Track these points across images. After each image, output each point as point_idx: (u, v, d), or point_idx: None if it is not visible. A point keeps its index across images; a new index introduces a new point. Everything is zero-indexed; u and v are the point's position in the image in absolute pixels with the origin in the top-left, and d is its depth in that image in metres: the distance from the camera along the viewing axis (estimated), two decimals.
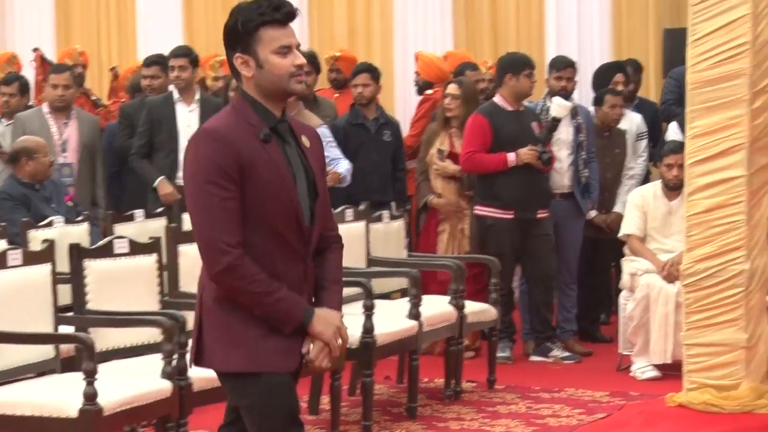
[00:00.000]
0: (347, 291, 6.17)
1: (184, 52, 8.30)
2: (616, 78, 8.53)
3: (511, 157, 7.43)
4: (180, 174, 8.13)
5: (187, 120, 8.12)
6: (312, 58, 8.41)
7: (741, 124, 5.62)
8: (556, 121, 7.61)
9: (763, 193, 5.72)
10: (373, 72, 8.37)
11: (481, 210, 7.59)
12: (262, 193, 3.37)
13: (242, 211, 3.35)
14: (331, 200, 3.69)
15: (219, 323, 3.42)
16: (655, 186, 7.46)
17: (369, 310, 5.89)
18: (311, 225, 3.46)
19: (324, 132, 7.26)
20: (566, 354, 7.64)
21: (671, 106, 8.41)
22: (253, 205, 3.36)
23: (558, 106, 7.63)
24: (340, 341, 3.44)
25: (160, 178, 7.96)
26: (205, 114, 8.03)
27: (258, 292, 3.35)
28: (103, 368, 4.68)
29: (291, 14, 3.42)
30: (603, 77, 8.65)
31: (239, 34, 3.40)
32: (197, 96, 8.20)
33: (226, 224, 3.33)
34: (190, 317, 5.24)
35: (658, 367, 7.05)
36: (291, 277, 3.42)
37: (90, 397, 4.43)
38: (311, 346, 3.41)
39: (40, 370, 4.94)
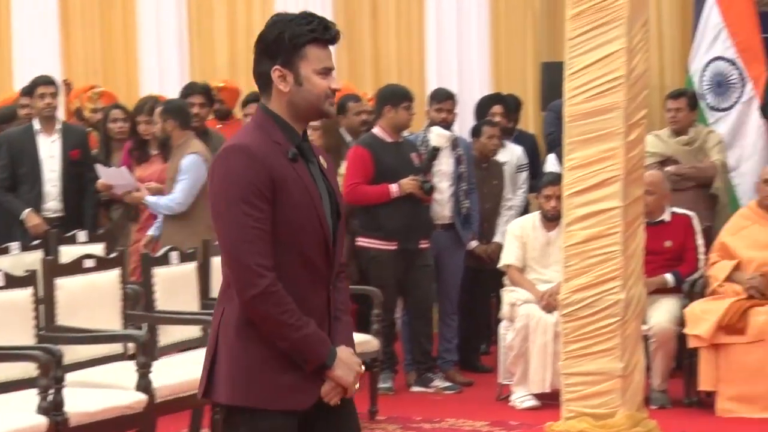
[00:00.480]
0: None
1: (52, 80, 8.22)
2: (494, 109, 8.65)
3: (393, 188, 7.47)
4: (48, 205, 8.05)
5: (49, 151, 8.05)
6: (206, 90, 8.45)
7: (616, 157, 5.72)
8: (436, 151, 7.69)
9: (638, 224, 5.82)
10: None
11: (363, 242, 7.61)
12: (292, 214, 3.22)
13: (272, 232, 3.20)
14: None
15: (237, 353, 3.24)
16: (534, 217, 7.56)
17: None
18: (334, 247, 3.33)
19: (194, 160, 7.42)
20: (447, 384, 7.68)
21: (557, 137, 8.56)
22: (283, 226, 3.21)
23: (437, 136, 7.71)
24: (357, 386, 3.32)
25: (26, 210, 7.88)
26: (67, 143, 7.99)
27: (288, 323, 3.18)
28: None
29: (338, 36, 3.34)
30: (482, 109, 8.77)
31: (284, 47, 3.25)
32: (58, 126, 8.12)
33: (260, 246, 3.17)
34: (67, 351, 5.18)
35: (537, 396, 7.12)
36: (316, 303, 3.28)
37: None
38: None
39: None
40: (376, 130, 7.69)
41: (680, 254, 7.47)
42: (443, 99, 8.20)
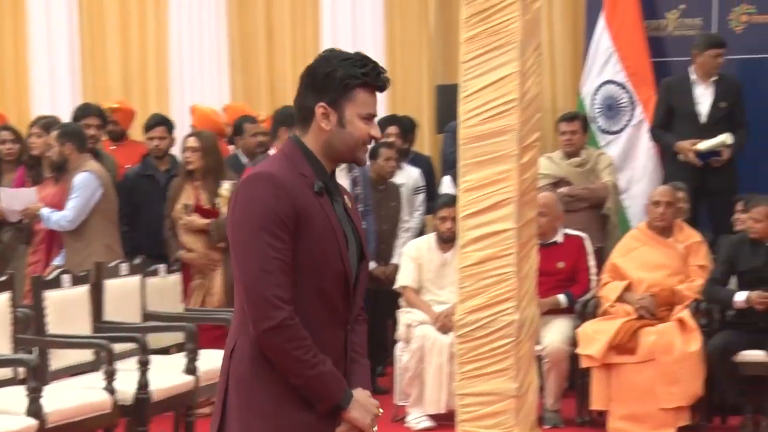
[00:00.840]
0: (121, 347, 6.09)
1: None
2: (389, 130, 8.68)
3: None
4: None
5: None
6: (99, 112, 8.39)
7: (510, 179, 5.77)
8: None
9: (531, 245, 5.89)
10: (168, 124, 8.44)
11: None
12: (315, 248, 3.12)
13: (292, 265, 3.09)
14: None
15: (250, 388, 3.13)
16: (430, 238, 7.60)
17: (144, 366, 5.79)
18: (355, 289, 3.23)
19: (87, 177, 7.39)
20: None
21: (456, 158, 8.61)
22: (304, 259, 3.10)
23: None
24: (375, 429, 3.20)
25: None
26: None
27: (303, 359, 3.07)
28: None
29: (388, 84, 3.25)
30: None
31: (333, 86, 3.17)
32: None
33: (279, 277, 3.06)
34: None
35: (432, 417, 7.15)
36: (333, 343, 3.18)
37: None
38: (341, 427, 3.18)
39: None
40: (272, 152, 7.67)
41: (573, 275, 7.57)
42: None
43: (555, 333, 7.31)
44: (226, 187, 7.62)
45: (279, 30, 10.43)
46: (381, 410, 3.27)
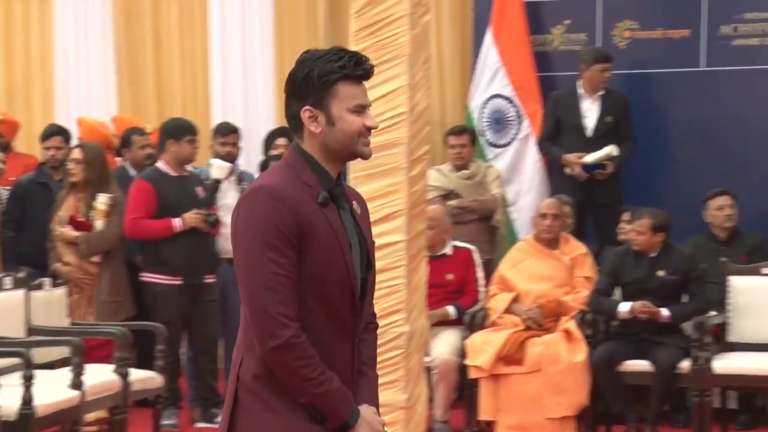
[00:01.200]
0: (4, 362, 5.97)
1: None
2: (278, 141, 8.67)
3: (176, 222, 7.40)
4: None
5: None
6: None
7: (400, 191, 5.80)
8: (217, 183, 7.66)
9: (420, 257, 5.92)
10: (65, 134, 8.44)
11: (148, 277, 7.50)
12: (320, 262, 3.04)
13: (297, 281, 3.03)
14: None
15: (258, 406, 3.08)
16: None
17: (28, 381, 5.69)
18: (362, 300, 3.16)
19: None
20: None
21: None
22: (309, 274, 3.03)
23: (218, 168, 7.70)
24: None
25: None
26: None
27: (310, 377, 3.02)
28: None
29: (371, 71, 3.15)
30: (269, 142, 8.78)
31: (313, 87, 3.08)
32: None
33: (283, 294, 3.00)
34: None
35: None
36: (341, 358, 3.13)
37: None
38: None
39: None
40: (160, 164, 7.60)
41: (461, 287, 7.63)
42: (227, 132, 8.20)
43: (444, 344, 7.36)
44: (101, 200, 7.54)
45: (167, 38, 10.33)
46: (387, 429, 3.23)
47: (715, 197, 7.89)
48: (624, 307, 7.19)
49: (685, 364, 7.01)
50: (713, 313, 7.28)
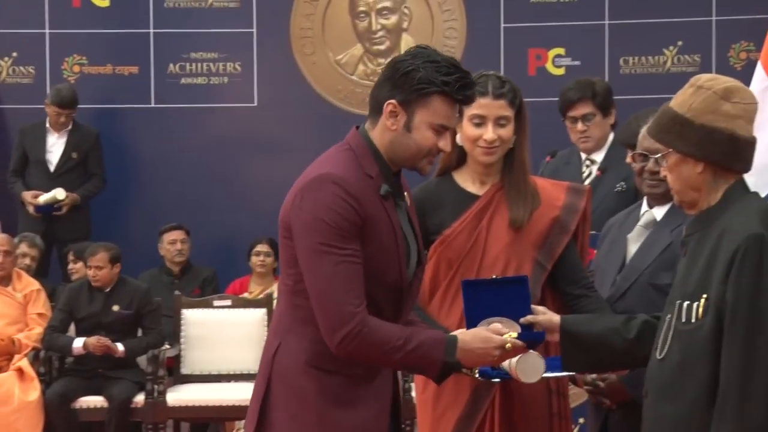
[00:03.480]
0: None
1: None
2: None
3: None
4: None
5: None
6: None
7: None
8: None
9: None
10: None
11: None
12: (376, 257, 2.96)
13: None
14: None
15: (303, 391, 2.97)
16: None
17: None
18: (408, 298, 3.07)
19: None
20: None
21: None
22: (365, 267, 2.93)
23: None
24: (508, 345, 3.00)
25: None
26: None
27: (385, 351, 2.92)
28: None
29: (472, 98, 3.04)
30: None
31: (409, 86, 2.94)
32: None
33: (349, 283, 2.90)
34: None
35: None
36: None
37: None
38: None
39: None
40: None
41: None
42: None
43: None
44: None
45: None
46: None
47: (168, 231, 8.06)
48: (78, 343, 7.16)
49: (140, 398, 7.09)
50: (167, 346, 7.41)
